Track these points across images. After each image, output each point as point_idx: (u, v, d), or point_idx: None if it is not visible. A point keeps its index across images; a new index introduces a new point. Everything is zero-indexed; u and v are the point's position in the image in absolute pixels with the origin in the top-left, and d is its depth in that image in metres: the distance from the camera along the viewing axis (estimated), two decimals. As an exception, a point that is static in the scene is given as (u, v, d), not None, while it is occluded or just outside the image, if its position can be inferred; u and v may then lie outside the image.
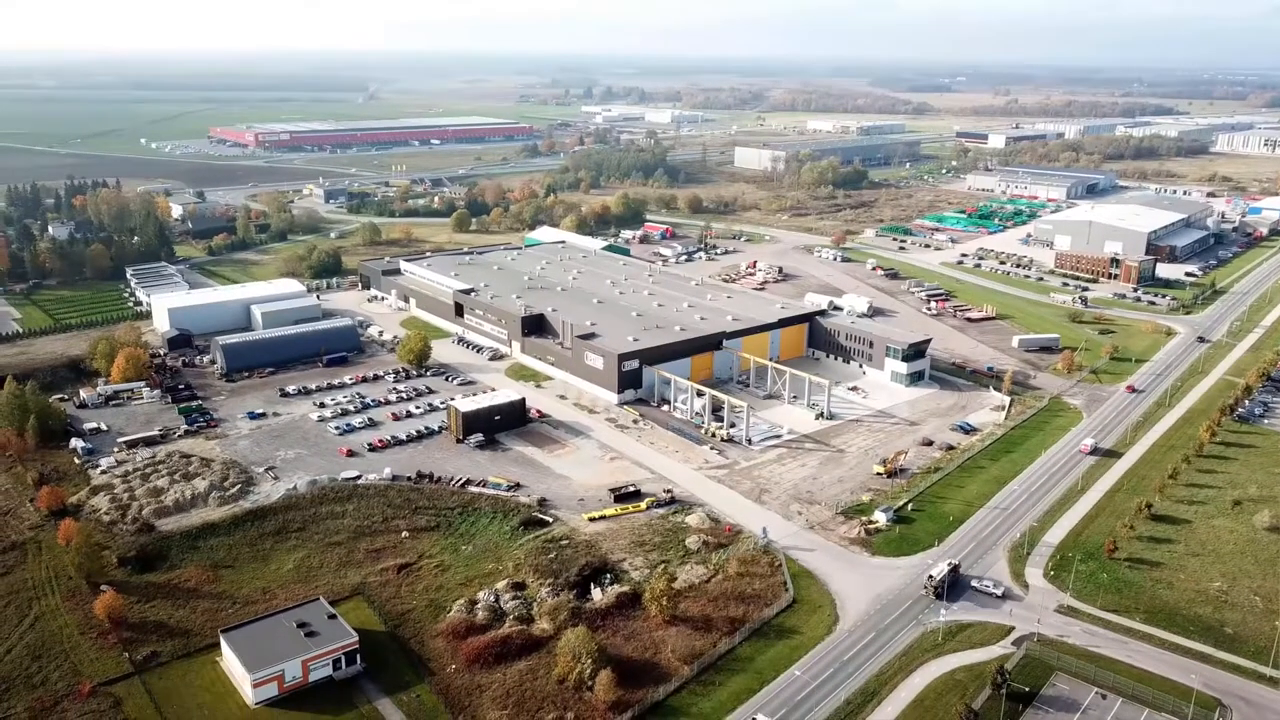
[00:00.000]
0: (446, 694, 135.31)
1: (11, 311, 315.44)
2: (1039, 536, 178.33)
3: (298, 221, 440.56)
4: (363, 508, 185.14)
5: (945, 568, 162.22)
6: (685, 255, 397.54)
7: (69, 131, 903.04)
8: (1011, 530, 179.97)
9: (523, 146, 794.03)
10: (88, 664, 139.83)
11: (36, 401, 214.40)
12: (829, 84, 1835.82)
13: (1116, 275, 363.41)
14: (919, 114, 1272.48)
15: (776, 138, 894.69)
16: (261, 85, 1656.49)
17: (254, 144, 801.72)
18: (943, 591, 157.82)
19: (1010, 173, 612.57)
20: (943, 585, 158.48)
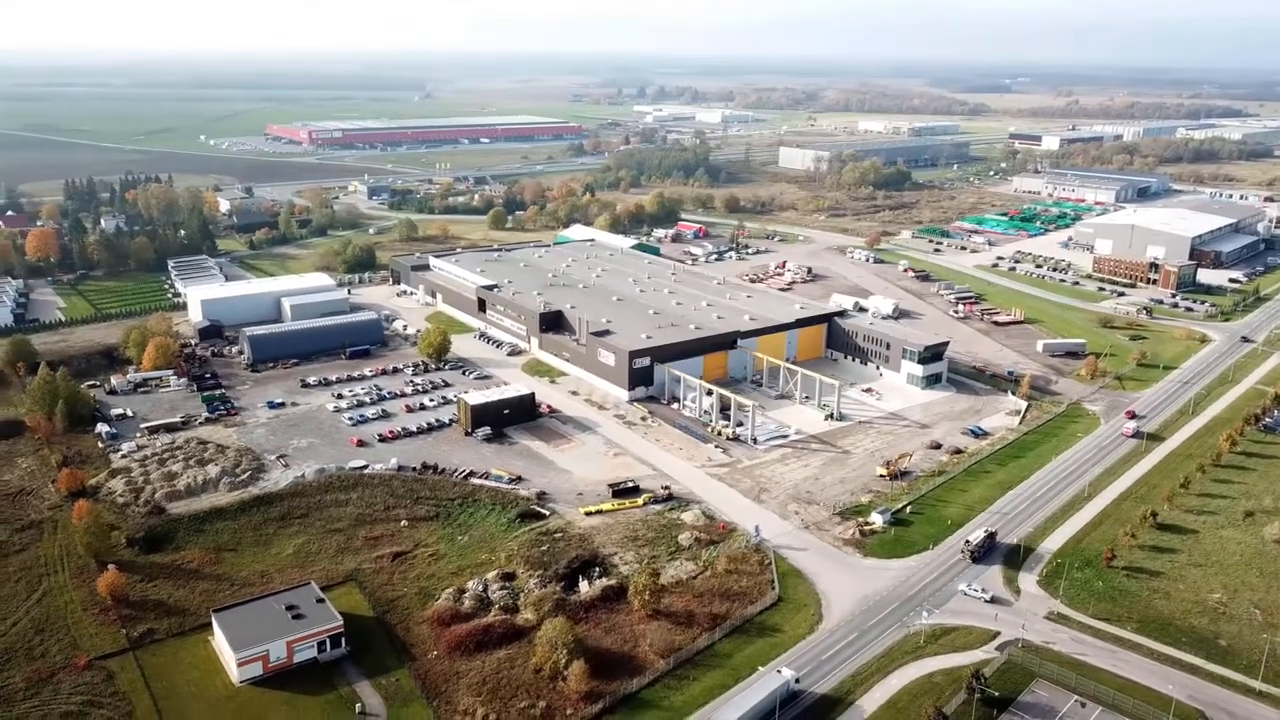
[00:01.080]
0: (424, 679, 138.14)
1: (57, 301, 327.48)
2: (1038, 542, 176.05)
3: (338, 217, 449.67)
4: (366, 496, 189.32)
5: (982, 534, 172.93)
6: (716, 254, 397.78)
7: (132, 128, 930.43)
8: (1009, 536, 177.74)
9: (568, 145, 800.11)
10: (87, 639, 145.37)
11: (66, 387, 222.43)
12: (885, 84, 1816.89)
13: (1155, 280, 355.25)
14: (975, 115, 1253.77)
15: (825, 138, 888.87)
16: (321, 84, 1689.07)
17: (308, 141, 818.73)
18: (979, 556, 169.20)
19: (1058, 175, 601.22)
20: (979, 550, 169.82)
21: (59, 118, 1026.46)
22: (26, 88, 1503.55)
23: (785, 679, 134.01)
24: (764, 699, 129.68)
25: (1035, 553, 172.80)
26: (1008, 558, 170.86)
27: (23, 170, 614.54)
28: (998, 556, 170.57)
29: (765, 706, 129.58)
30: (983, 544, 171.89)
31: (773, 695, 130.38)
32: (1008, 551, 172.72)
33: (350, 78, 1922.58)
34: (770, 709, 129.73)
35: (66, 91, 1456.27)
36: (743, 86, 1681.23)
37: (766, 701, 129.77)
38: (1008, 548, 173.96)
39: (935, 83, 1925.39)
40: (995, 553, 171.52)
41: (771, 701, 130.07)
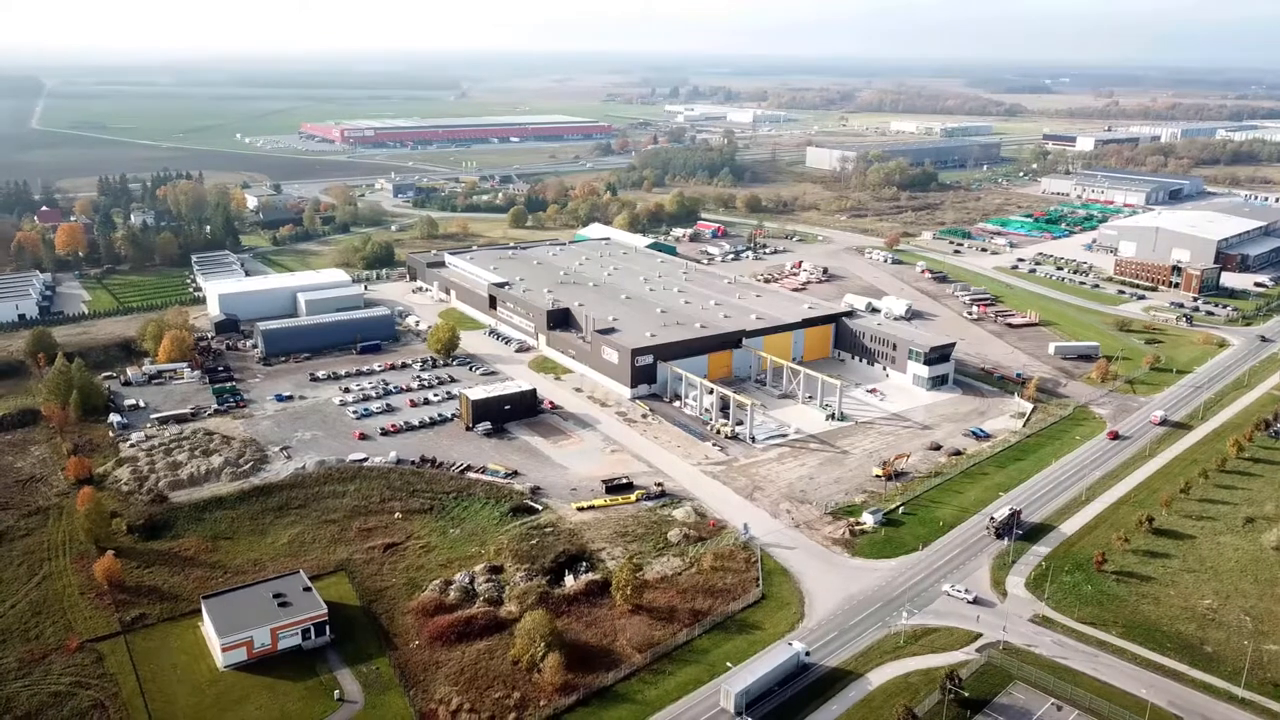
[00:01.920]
0: (404, 668, 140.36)
1: (83, 294, 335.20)
2: (1028, 545, 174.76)
3: (361, 215, 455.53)
4: (363, 488, 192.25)
5: (1007, 511, 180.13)
6: (733, 254, 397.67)
7: (173, 126, 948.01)
8: (1001, 538, 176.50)
9: (595, 145, 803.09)
10: (81, 622, 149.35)
11: (80, 378, 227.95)
12: (923, 85, 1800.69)
13: (1178, 284, 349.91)
14: (1010, 116, 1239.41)
15: (856, 139, 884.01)
16: (359, 83, 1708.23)
17: (340, 140, 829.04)
18: (1003, 533, 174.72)
19: (1088, 177, 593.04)
20: (1004, 527, 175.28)
21: (104, 115, 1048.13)
22: (76, 86, 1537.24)
23: (796, 651, 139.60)
24: (775, 668, 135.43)
25: (1026, 555, 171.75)
26: (1029, 534, 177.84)
27: (64, 167, 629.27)
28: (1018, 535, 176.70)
29: (776, 675, 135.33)
30: (1007, 521, 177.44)
31: (784, 665, 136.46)
32: (1030, 529, 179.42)
33: (388, 77, 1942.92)
34: (781, 678, 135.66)
35: (113, 90, 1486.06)
36: (777, 86, 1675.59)
37: (778, 671, 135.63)
38: (1031, 525, 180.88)
39: (974, 83, 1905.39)
40: (1018, 530, 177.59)
41: (782, 671, 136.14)
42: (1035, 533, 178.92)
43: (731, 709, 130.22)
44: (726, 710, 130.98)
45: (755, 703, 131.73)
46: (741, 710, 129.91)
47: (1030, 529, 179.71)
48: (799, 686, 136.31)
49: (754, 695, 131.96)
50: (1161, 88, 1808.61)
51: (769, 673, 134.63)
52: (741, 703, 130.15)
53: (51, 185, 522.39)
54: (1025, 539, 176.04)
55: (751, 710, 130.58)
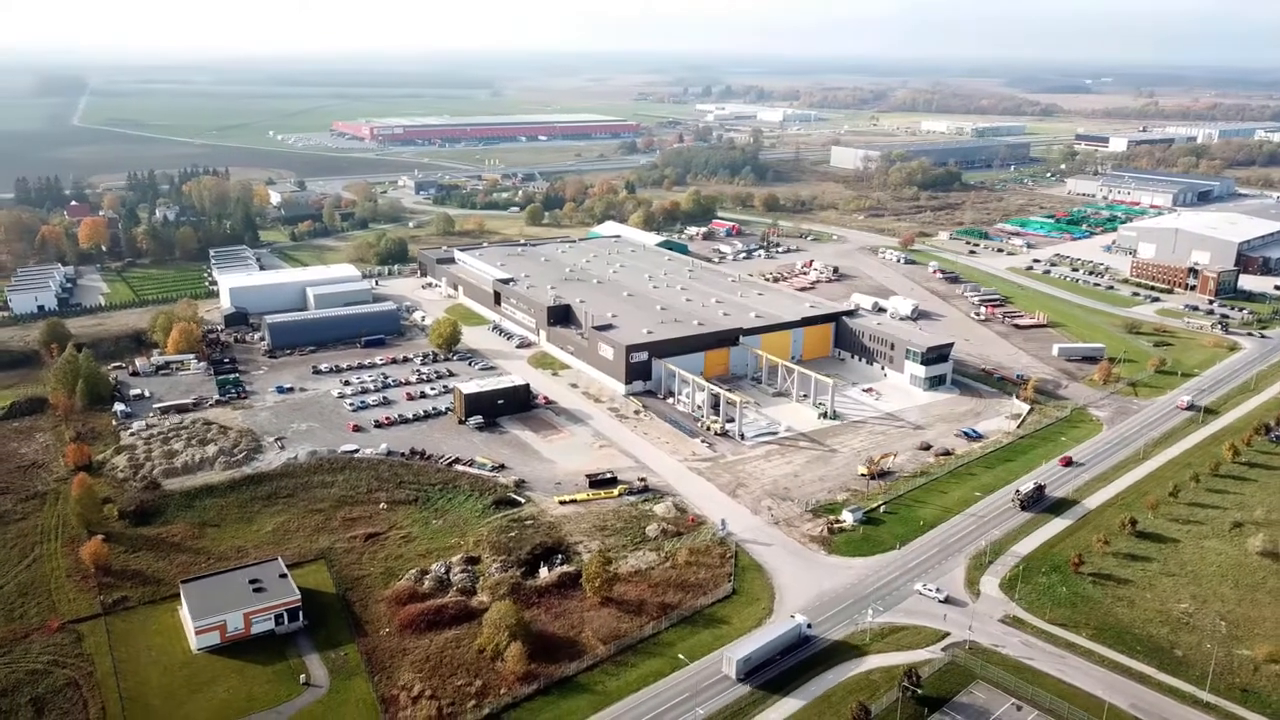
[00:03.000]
0: (371, 655, 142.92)
1: (102, 286, 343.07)
2: (1008, 546, 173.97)
3: (380, 211, 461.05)
4: (352, 479, 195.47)
5: (1032, 485, 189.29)
6: (745, 253, 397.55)
7: (208, 124, 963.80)
8: (981, 538, 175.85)
9: (621, 144, 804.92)
10: (65, 603, 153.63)
11: (87, 367, 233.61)
12: (959, 84, 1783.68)
13: (1194, 286, 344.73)
14: (1045, 116, 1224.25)
15: (885, 138, 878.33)
16: (395, 81, 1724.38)
17: (369, 137, 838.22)
18: (1028, 505, 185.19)
19: (1115, 178, 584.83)
20: (1028, 500, 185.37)
21: (142, 113, 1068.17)
22: (117, 85, 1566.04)
23: (799, 623, 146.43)
24: (777, 638, 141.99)
25: (1004, 556, 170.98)
26: (1053, 507, 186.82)
27: (99, 163, 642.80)
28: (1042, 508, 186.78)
29: (778, 645, 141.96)
30: (1031, 494, 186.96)
31: (785, 636, 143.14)
32: (1053, 503, 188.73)
33: (424, 76, 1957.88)
34: (782, 648, 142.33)
35: (153, 88, 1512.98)
36: (811, 86, 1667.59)
37: (779, 641, 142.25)
38: (1055, 499, 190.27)
39: (1012, 83, 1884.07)
40: (1043, 503, 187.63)
41: (783, 642, 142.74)
42: (1059, 506, 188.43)
43: (733, 675, 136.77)
44: (729, 677, 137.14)
45: (756, 671, 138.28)
46: (743, 676, 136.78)
47: (1054, 503, 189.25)
48: (800, 657, 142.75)
49: (755, 663, 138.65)
50: (1205, 88, 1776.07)
51: (770, 642, 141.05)
52: (743, 669, 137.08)
53: (83, 180, 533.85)
54: (1049, 510, 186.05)
55: (753, 678, 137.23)
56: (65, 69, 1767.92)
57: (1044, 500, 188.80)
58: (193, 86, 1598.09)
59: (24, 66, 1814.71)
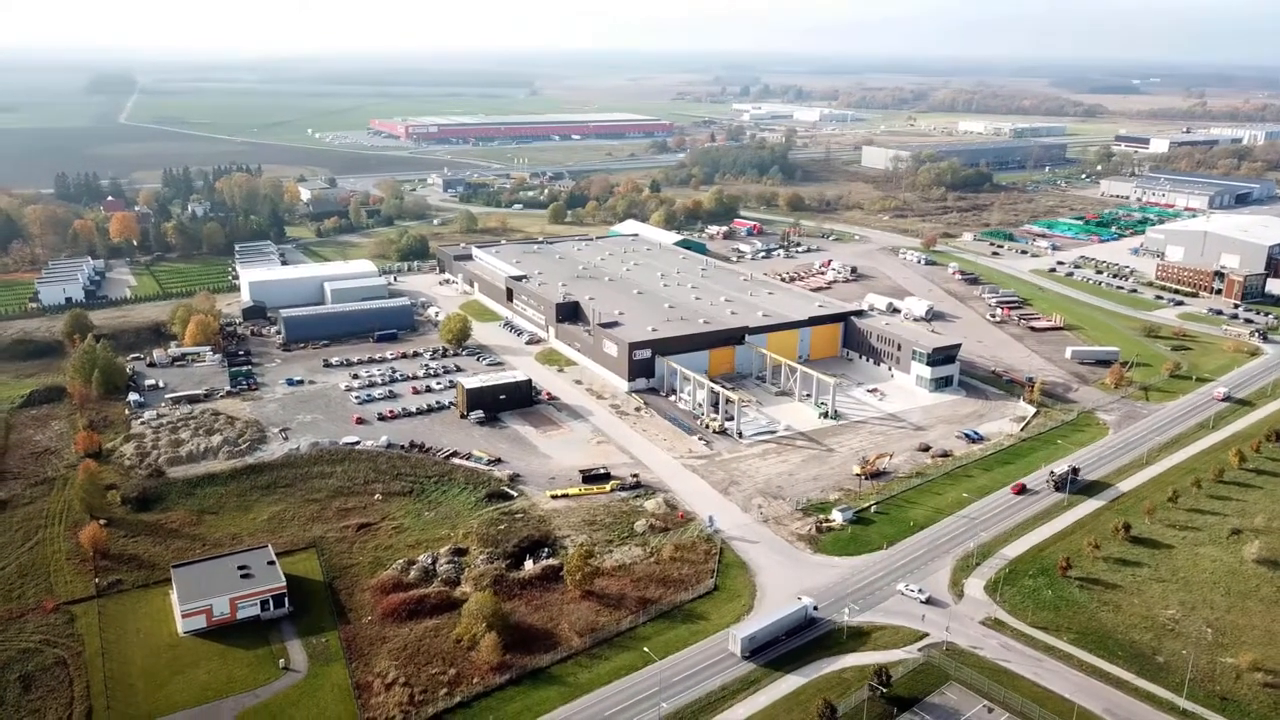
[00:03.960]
0: (351, 642, 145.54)
1: (130, 279, 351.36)
2: (997, 549, 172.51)
3: (405, 208, 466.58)
4: (350, 470, 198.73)
5: (1066, 467, 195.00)
6: (764, 252, 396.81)
7: (250, 122, 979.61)
8: (970, 540, 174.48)
9: (653, 143, 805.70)
10: (61, 585, 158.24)
11: (103, 357, 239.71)
12: (1003, 84, 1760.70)
13: (1219, 290, 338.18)
14: (1089, 116, 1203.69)
15: (920, 138, 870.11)
16: (437, 80, 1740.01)
17: (404, 136, 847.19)
18: (1063, 486, 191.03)
19: (1150, 179, 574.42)
20: (1063, 481, 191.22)
21: (187, 111, 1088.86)
22: (167, 83, 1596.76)
23: (805, 605, 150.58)
24: (781, 619, 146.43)
25: (992, 558, 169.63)
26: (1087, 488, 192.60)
27: (140, 159, 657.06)
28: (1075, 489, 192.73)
29: (785, 625, 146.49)
30: (1065, 476, 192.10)
31: (790, 617, 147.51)
32: (1085, 485, 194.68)
33: (467, 75, 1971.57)
34: (788, 628, 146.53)
35: (199, 87, 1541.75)
36: (851, 85, 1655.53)
37: (786, 621, 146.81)
38: (1087, 482, 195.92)
39: (1058, 83, 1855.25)
40: (1076, 485, 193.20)
41: (789, 622, 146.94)
42: (1092, 488, 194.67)
43: (738, 652, 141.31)
44: (734, 654, 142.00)
45: (761, 650, 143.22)
46: (747, 654, 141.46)
47: (1086, 484, 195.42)
48: (806, 638, 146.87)
49: (760, 642, 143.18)
50: (1257, 89, 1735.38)
51: (774, 622, 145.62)
52: (747, 647, 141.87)
53: (123, 177, 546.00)
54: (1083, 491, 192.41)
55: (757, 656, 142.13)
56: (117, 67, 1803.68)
57: (1078, 482, 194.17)
58: (239, 85, 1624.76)
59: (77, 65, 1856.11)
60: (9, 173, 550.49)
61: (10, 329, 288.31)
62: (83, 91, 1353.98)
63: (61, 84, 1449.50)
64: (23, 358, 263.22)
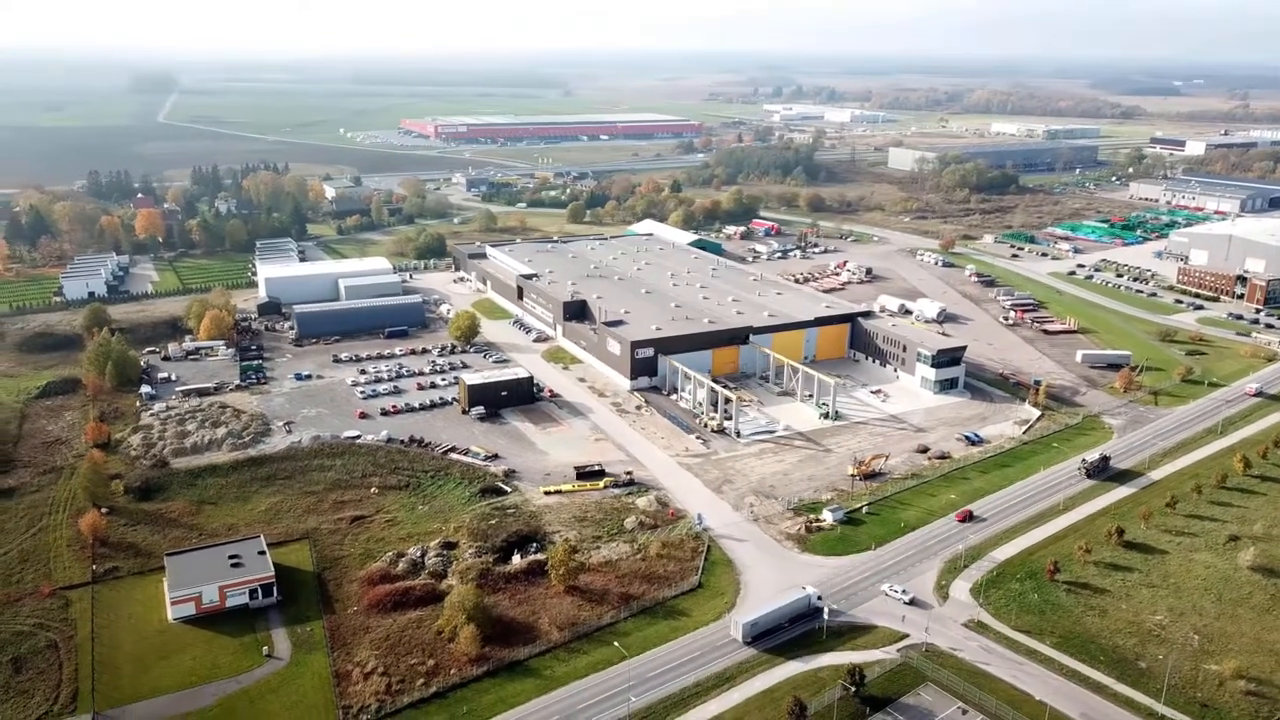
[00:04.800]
0: (335, 631, 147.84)
1: (152, 275, 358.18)
2: (987, 551, 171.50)
3: (427, 207, 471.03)
4: (349, 464, 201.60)
5: (1098, 455, 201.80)
6: (780, 253, 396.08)
7: (284, 121, 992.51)
8: (960, 542, 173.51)
9: (678, 143, 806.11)
10: (60, 571, 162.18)
11: (117, 350, 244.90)
12: (1041, 85, 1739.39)
13: (1242, 295, 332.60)
14: (1126, 118, 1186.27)
15: (951, 140, 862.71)
16: (468, 80, 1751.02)
17: (434, 135, 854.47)
18: (1093, 473, 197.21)
19: (1180, 182, 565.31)
20: (1094, 469, 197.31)
21: (224, 110, 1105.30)
22: (205, 83, 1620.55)
23: (809, 594, 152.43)
24: (783, 606, 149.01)
25: (981, 560, 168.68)
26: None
27: (175, 157, 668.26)
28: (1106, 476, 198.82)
29: (787, 613, 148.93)
30: (1097, 464, 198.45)
31: (792, 605, 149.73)
32: (1115, 474, 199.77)
33: (501, 75, 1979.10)
34: (789, 616, 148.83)
35: (238, 86, 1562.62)
36: (885, 86, 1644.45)
37: (788, 609, 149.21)
38: (1118, 470, 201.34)
39: (1097, 84, 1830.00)
40: (1107, 472, 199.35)
41: (790, 610, 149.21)
42: (1123, 475, 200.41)
43: (740, 638, 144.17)
44: (736, 639, 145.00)
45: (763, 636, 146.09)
46: (749, 639, 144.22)
47: (1117, 472, 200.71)
48: (808, 626, 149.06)
49: (762, 629, 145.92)
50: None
51: (776, 610, 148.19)
52: (749, 632, 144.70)
53: (155, 175, 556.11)
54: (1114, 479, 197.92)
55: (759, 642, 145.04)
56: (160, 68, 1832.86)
57: (1108, 470, 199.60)
58: (276, 85, 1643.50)
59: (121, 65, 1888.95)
60: (46, 170, 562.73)
61: (34, 322, 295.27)
62: (124, 91, 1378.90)
63: (105, 84, 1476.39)
64: (42, 350, 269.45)
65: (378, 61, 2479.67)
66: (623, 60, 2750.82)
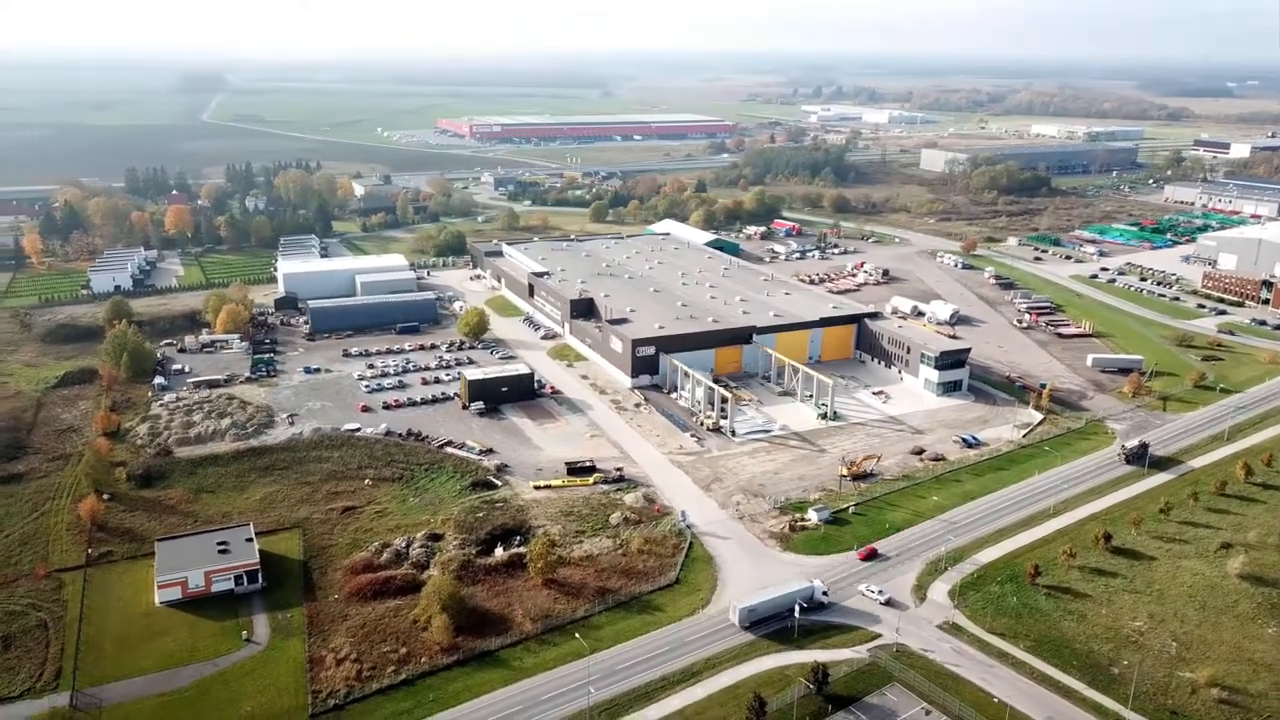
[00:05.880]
0: (315, 618, 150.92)
1: (178, 270, 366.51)
2: (970, 554, 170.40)
3: (452, 205, 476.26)
4: (346, 455, 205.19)
5: (1137, 442, 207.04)
6: (799, 253, 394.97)
7: (324, 120, 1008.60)
8: (943, 544, 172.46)
9: (710, 143, 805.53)
10: (57, 554, 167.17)
11: (133, 342, 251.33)
12: (1088, 86, 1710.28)
13: (1268, 300, 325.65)
14: (1173, 120, 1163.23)
15: (988, 141, 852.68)
16: (509, 80, 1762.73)
17: (469, 135, 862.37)
18: (1132, 459, 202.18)
19: (1218, 185, 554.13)
20: (1132, 455, 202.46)
21: (267, 109, 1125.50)
22: (251, 83, 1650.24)
23: (812, 587, 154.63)
24: (782, 596, 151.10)
25: (963, 563, 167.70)
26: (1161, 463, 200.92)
27: (214, 155, 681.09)
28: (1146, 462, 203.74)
29: (783, 603, 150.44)
30: (1136, 450, 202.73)
31: (791, 596, 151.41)
32: (1155, 460, 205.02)
33: (543, 75, 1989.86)
34: (788, 606, 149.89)
35: (282, 86, 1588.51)
36: (928, 87, 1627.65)
37: (784, 600, 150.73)
38: (1157, 457, 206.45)
39: (1145, 85, 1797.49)
40: (1145, 459, 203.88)
41: (788, 601, 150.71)
42: (1163, 462, 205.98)
43: (737, 622, 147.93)
44: (734, 624, 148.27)
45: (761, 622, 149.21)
46: (746, 624, 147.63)
47: (1158, 459, 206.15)
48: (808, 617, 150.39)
49: (760, 616, 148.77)
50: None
51: (774, 599, 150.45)
52: (745, 618, 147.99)
53: (190, 172, 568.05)
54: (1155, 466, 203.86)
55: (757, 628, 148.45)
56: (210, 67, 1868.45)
57: (1147, 456, 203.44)
58: (320, 84, 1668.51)
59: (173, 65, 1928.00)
60: (87, 167, 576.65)
61: (60, 314, 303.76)
62: (172, 91, 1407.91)
63: (155, 84, 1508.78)
64: (65, 341, 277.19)
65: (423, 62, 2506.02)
66: (666, 61, 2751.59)
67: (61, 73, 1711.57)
